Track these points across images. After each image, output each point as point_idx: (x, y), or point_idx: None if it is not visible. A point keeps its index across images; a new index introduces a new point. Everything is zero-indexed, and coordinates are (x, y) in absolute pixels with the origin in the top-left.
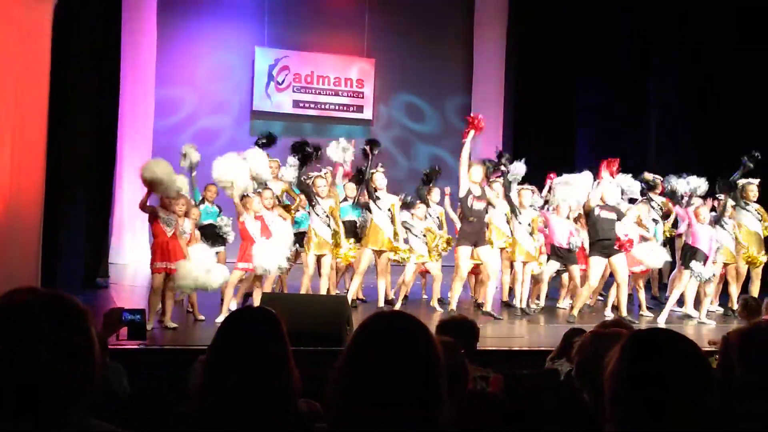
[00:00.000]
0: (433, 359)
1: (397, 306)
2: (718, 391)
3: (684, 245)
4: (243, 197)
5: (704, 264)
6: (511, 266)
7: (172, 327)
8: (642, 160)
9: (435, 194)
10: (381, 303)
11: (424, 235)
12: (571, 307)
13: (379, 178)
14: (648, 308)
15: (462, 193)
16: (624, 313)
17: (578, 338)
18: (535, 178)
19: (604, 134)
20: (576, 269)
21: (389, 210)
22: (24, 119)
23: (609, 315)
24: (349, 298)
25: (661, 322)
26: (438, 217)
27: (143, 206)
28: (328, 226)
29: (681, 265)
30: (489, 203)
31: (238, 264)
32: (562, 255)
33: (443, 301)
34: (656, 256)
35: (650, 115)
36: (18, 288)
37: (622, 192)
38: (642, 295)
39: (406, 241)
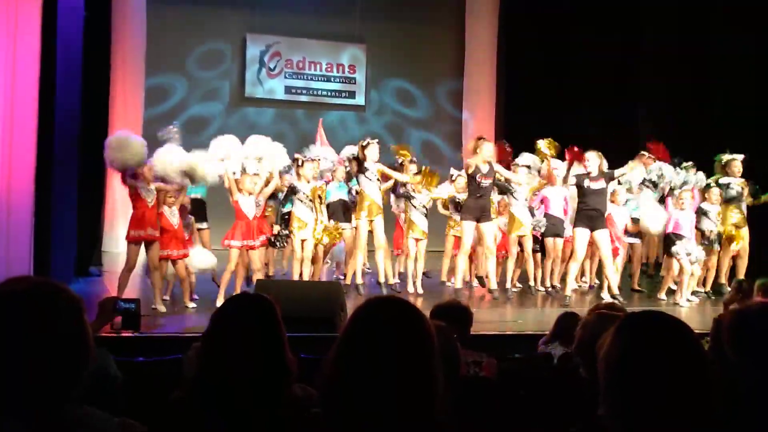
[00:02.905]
0: (428, 344)
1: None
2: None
3: (666, 234)
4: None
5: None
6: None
7: (160, 311)
8: (635, 137)
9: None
10: (381, 278)
11: (425, 207)
12: (563, 289)
13: (373, 150)
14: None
15: (470, 170)
16: (615, 291)
17: (571, 321)
18: None
19: (598, 116)
20: (560, 241)
21: (378, 179)
22: (14, 109)
23: (606, 297)
24: (350, 280)
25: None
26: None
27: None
28: (312, 210)
29: (665, 254)
30: (507, 189)
31: (232, 242)
32: (555, 224)
33: (427, 275)
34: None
35: (640, 90)
36: (11, 277)
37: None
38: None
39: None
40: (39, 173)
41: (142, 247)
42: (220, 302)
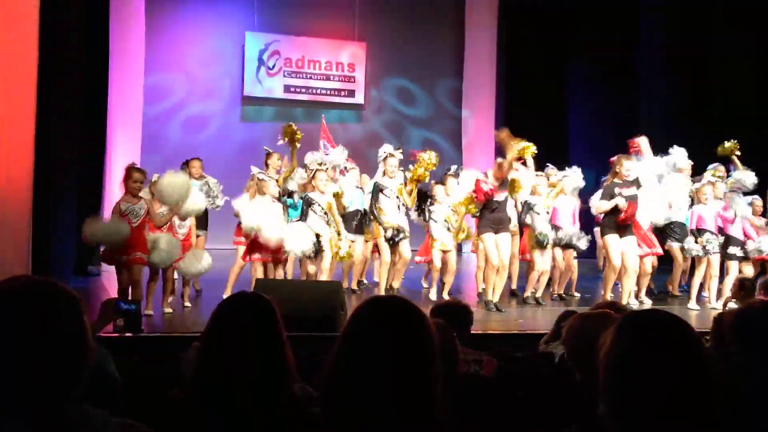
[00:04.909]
0: (428, 345)
1: (445, 295)
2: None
3: (690, 230)
4: (259, 180)
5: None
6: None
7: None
8: (635, 132)
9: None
10: (396, 284)
11: (446, 221)
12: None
13: (392, 164)
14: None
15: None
16: (624, 300)
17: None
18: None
19: (597, 114)
20: (570, 254)
21: (398, 197)
22: (12, 108)
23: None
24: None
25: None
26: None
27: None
28: (327, 223)
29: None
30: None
31: (254, 256)
32: (562, 235)
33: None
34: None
35: (640, 88)
36: (11, 276)
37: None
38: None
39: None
40: (37, 172)
41: None
42: None
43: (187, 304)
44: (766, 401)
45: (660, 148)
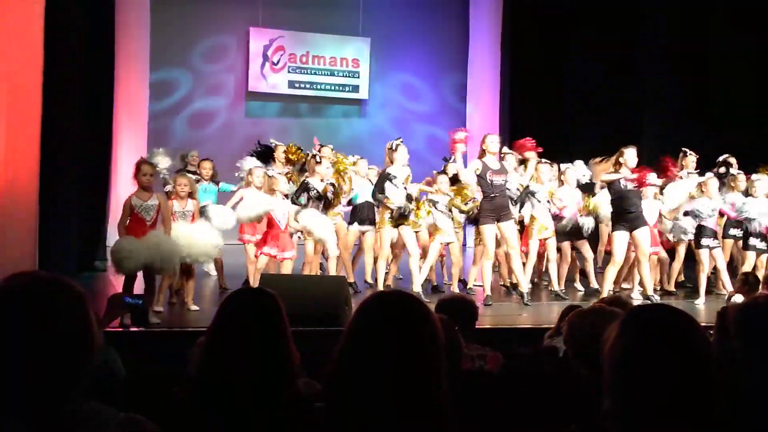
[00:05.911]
0: (433, 341)
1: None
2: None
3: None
4: (269, 177)
5: (714, 238)
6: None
7: (158, 311)
8: (636, 129)
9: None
10: (417, 287)
11: (450, 210)
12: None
13: (401, 153)
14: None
15: (477, 171)
16: (649, 291)
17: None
18: None
19: (600, 108)
20: (586, 245)
21: (405, 186)
22: (18, 104)
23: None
24: (381, 285)
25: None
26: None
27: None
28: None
29: (696, 248)
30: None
31: (263, 248)
32: (570, 231)
33: (465, 283)
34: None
35: (642, 84)
36: (16, 273)
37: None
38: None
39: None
40: (43, 169)
41: None
42: None
43: (194, 307)
44: (764, 401)
45: (660, 147)
